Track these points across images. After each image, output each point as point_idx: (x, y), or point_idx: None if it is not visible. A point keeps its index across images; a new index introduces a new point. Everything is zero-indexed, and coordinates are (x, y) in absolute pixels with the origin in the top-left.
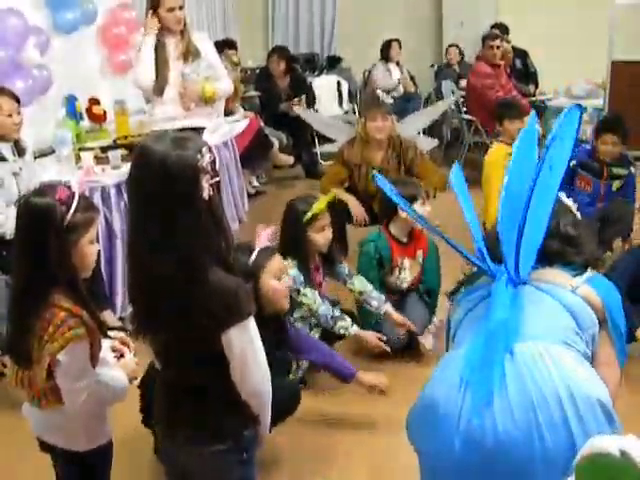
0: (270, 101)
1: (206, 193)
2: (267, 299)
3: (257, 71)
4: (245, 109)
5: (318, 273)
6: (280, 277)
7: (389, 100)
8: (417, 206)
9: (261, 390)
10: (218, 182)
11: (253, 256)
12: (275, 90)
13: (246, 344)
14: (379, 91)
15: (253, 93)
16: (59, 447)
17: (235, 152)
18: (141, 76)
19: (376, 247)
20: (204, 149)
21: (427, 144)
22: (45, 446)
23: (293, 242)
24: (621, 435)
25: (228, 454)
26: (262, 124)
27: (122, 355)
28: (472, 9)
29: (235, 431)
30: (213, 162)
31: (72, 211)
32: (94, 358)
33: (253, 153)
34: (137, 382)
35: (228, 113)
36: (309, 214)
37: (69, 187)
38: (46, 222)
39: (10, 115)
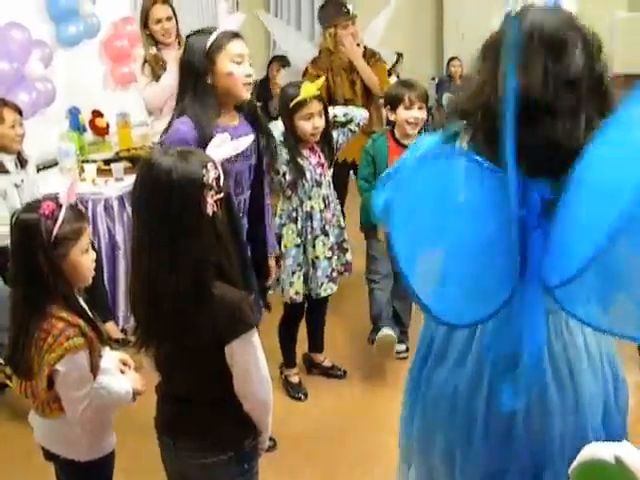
0: (270, 110)
1: (210, 209)
2: (223, 82)
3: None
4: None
5: (314, 154)
6: (239, 62)
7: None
8: (406, 111)
9: (263, 401)
10: (222, 198)
11: (212, 37)
12: (274, 99)
13: (249, 356)
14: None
15: (256, 103)
16: (61, 456)
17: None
18: (155, 100)
19: (373, 145)
20: (209, 165)
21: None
22: (48, 455)
23: (284, 128)
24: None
25: (229, 465)
26: None
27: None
28: (473, 22)
29: (236, 442)
30: (218, 178)
31: (59, 224)
32: (94, 367)
33: None
34: (134, 402)
35: None
36: (296, 100)
37: (57, 200)
38: (32, 238)
39: (13, 126)
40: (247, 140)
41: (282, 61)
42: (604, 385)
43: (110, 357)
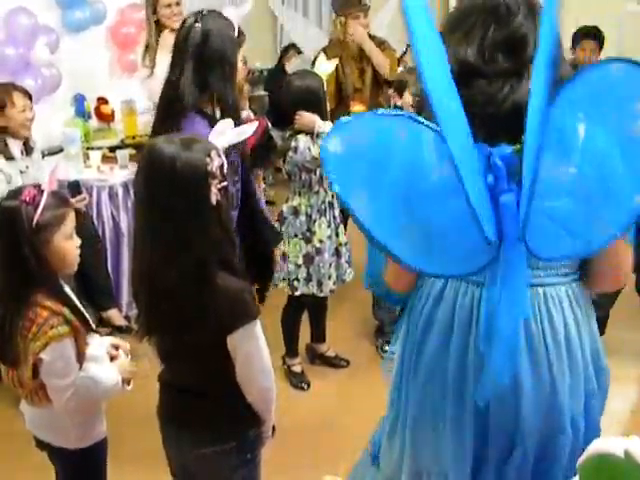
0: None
1: (214, 198)
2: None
3: (265, 72)
4: (252, 109)
5: None
6: (244, 62)
7: None
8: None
9: (266, 391)
10: (226, 187)
11: (236, 31)
12: None
13: (252, 346)
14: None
15: (261, 93)
16: (52, 444)
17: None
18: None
19: None
20: (213, 153)
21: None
22: (40, 443)
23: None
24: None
25: (231, 455)
26: (270, 125)
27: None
28: None
29: (238, 432)
30: (222, 166)
31: (40, 210)
32: (80, 355)
33: (257, 154)
34: (130, 387)
35: None
36: (325, 87)
37: (39, 186)
38: (13, 225)
39: (23, 111)
40: (251, 127)
41: (297, 48)
42: (584, 369)
43: (100, 343)
